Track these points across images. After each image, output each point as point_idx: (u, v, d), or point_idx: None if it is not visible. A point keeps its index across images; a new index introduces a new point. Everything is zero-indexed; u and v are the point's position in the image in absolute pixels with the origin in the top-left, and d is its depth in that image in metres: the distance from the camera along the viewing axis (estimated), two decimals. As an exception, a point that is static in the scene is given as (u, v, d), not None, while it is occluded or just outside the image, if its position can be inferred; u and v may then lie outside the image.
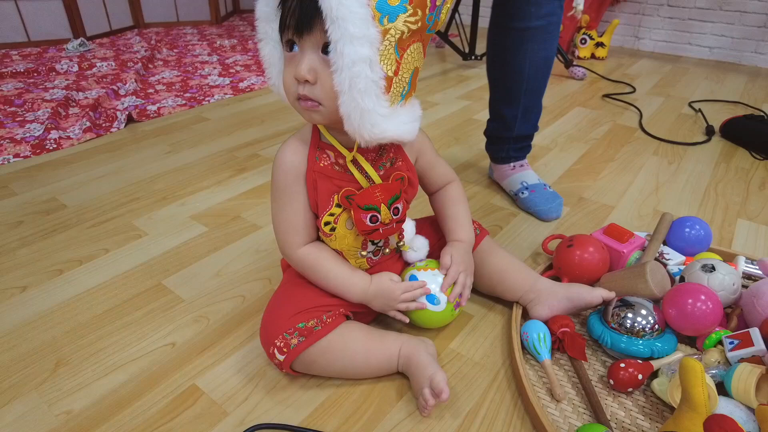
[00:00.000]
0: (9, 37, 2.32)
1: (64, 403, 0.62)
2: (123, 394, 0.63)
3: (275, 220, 0.65)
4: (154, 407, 0.62)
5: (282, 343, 0.61)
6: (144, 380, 0.65)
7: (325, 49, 0.51)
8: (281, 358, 0.61)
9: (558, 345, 0.69)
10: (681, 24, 2.45)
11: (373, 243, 0.68)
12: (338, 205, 0.62)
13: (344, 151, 0.62)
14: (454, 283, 0.68)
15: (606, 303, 0.72)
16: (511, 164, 1.12)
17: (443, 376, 0.58)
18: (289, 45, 0.54)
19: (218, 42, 2.55)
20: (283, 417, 0.60)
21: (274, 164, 0.63)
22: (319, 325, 0.62)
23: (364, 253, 0.67)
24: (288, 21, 0.52)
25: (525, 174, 1.10)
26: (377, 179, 0.63)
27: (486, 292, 0.80)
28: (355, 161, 0.62)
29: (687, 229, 0.86)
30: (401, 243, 0.70)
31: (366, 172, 0.63)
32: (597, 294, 0.71)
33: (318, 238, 0.67)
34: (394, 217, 0.64)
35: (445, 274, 0.68)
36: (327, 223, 0.63)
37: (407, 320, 0.68)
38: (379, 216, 0.62)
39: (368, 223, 0.62)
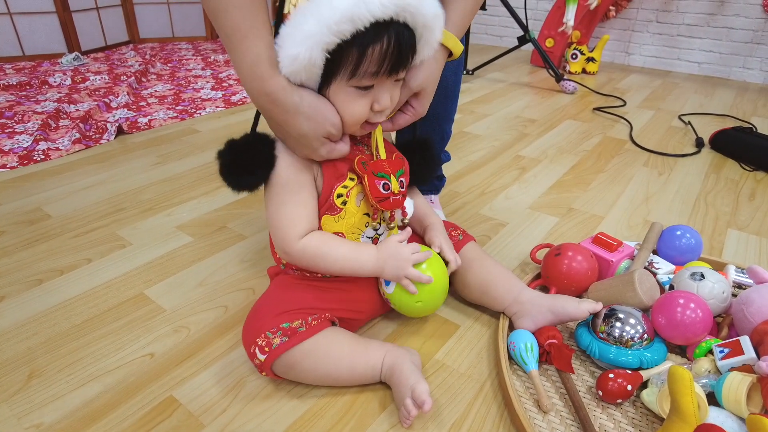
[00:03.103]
0: (3, 51, 2.33)
1: (34, 416, 0.60)
2: (97, 406, 0.61)
3: (276, 216, 0.63)
4: (129, 419, 0.60)
5: (264, 342, 0.60)
6: (120, 392, 0.63)
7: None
8: (262, 358, 0.60)
9: (545, 357, 0.67)
10: (670, 40, 2.48)
11: (373, 229, 0.69)
12: (351, 179, 0.65)
13: None
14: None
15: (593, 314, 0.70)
16: None
17: (425, 387, 0.57)
18: (365, 86, 0.57)
19: (212, 57, 2.56)
20: (262, 429, 0.59)
21: (278, 165, 0.62)
22: (304, 327, 0.61)
23: (366, 237, 0.68)
24: (382, 66, 0.55)
25: None
26: (383, 156, 0.67)
27: (471, 301, 0.79)
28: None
29: (678, 238, 0.85)
30: (406, 219, 0.71)
31: (378, 148, 0.68)
32: (583, 308, 0.69)
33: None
34: (401, 189, 0.67)
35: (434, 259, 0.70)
36: (340, 195, 0.64)
37: (416, 291, 0.66)
38: (390, 184, 0.65)
39: (381, 190, 0.64)
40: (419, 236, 0.78)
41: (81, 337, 0.72)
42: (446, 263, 0.71)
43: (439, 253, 0.71)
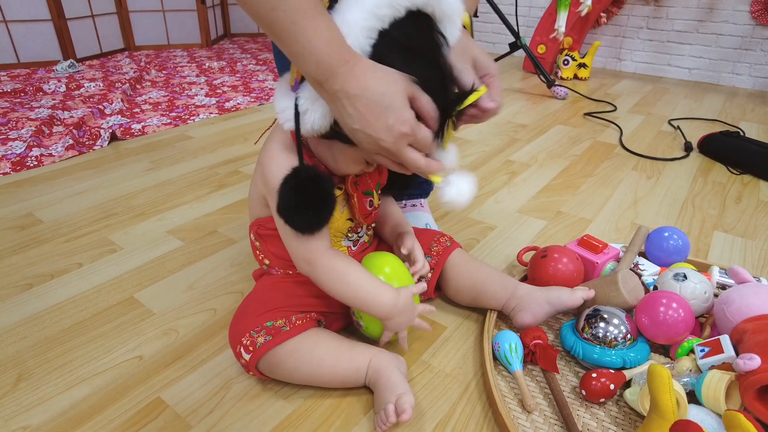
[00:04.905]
0: (-2, 58, 2.34)
1: (21, 418, 0.60)
2: (85, 408, 0.62)
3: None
4: (116, 420, 0.60)
5: (248, 341, 0.60)
6: (108, 394, 0.64)
7: None
8: (247, 357, 0.60)
9: (531, 357, 0.68)
10: (660, 46, 2.51)
11: (356, 233, 0.70)
12: (339, 188, 0.65)
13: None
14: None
15: (585, 303, 0.72)
16: (402, 202, 1.01)
17: (411, 399, 0.57)
18: None
19: (207, 64, 2.58)
20: (248, 430, 0.59)
21: (271, 172, 0.60)
22: (287, 326, 0.62)
23: (347, 240, 0.69)
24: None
25: (415, 215, 0.99)
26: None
27: (466, 304, 0.79)
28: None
29: (666, 239, 0.86)
30: (370, 233, 0.73)
31: None
32: (577, 296, 0.72)
33: None
34: (378, 202, 0.70)
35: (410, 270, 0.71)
36: None
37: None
38: (374, 200, 0.68)
39: (368, 207, 0.68)
40: (389, 244, 0.78)
41: (70, 341, 0.73)
42: (414, 264, 0.73)
43: (408, 255, 0.73)
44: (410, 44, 0.52)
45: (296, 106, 0.54)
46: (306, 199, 0.56)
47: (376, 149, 0.53)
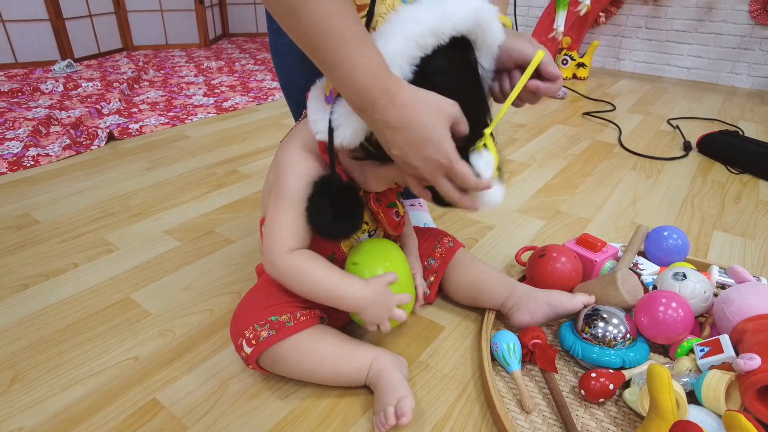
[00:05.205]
0: (-5, 58, 2.33)
1: (15, 420, 0.60)
2: (79, 409, 0.61)
3: (272, 222, 0.61)
4: (111, 422, 0.59)
5: (251, 335, 0.60)
6: (103, 395, 0.63)
7: None
8: (248, 350, 0.60)
9: (529, 357, 0.68)
10: (659, 45, 2.51)
11: (369, 234, 0.70)
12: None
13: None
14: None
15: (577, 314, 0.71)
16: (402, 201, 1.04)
17: (412, 403, 0.57)
18: None
19: (205, 64, 2.57)
20: (245, 431, 0.59)
21: (284, 167, 0.61)
22: (292, 321, 0.61)
23: (360, 240, 0.69)
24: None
25: (414, 215, 1.00)
26: None
27: (466, 303, 0.79)
28: None
29: (665, 239, 0.85)
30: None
31: None
32: (578, 301, 0.71)
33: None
34: (403, 210, 0.71)
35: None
36: None
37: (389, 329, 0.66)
38: (398, 210, 0.69)
39: (395, 218, 0.69)
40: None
41: (65, 341, 0.72)
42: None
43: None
44: (453, 72, 0.53)
45: (330, 121, 0.55)
46: (338, 208, 0.58)
47: (412, 173, 0.55)
